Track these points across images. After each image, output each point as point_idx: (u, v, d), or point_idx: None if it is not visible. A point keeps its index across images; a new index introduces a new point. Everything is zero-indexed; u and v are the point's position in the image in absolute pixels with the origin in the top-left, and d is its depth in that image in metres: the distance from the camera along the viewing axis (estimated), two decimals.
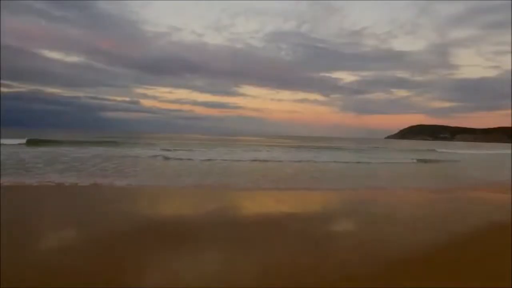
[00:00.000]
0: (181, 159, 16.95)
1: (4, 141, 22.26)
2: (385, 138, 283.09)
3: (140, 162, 15.08)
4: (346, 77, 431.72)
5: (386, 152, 31.79)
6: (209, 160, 16.79)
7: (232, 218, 5.88)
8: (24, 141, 25.14)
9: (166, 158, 16.75)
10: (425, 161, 22.80)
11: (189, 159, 16.91)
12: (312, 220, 5.95)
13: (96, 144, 26.65)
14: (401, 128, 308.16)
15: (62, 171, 11.10)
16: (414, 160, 22.32)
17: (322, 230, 5.33)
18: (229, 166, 14.73)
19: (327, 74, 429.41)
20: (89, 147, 23.66)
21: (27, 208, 6.24)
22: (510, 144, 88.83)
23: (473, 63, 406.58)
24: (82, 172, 11.04)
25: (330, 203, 8.15)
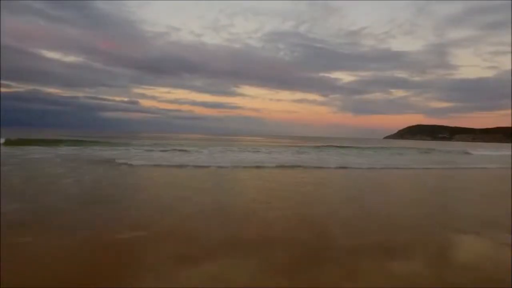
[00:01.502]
0: (148, 165, 12.92)
1: None
2: (384, 138, 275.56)
3: (93, 169, 11.16)
4: (344, 77, 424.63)
5: (426, 155, 26.44)
6: (180, 166, 12.75)
7: None
8: (3, 140, 21.86)
9: (127, 165, 12.72)
10: None
11: (156, 165, 12.85)
12: None
13: (78, 143, 23.25)
14: (400, 128, 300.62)
15: None
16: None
17: None
18: (200, 176, 10.71)
19: (326, 74, 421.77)
20: (65, 146, 20.60)
21: None
22: (510, 144, 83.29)
23: (472, 63, 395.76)
24: None
25: None
